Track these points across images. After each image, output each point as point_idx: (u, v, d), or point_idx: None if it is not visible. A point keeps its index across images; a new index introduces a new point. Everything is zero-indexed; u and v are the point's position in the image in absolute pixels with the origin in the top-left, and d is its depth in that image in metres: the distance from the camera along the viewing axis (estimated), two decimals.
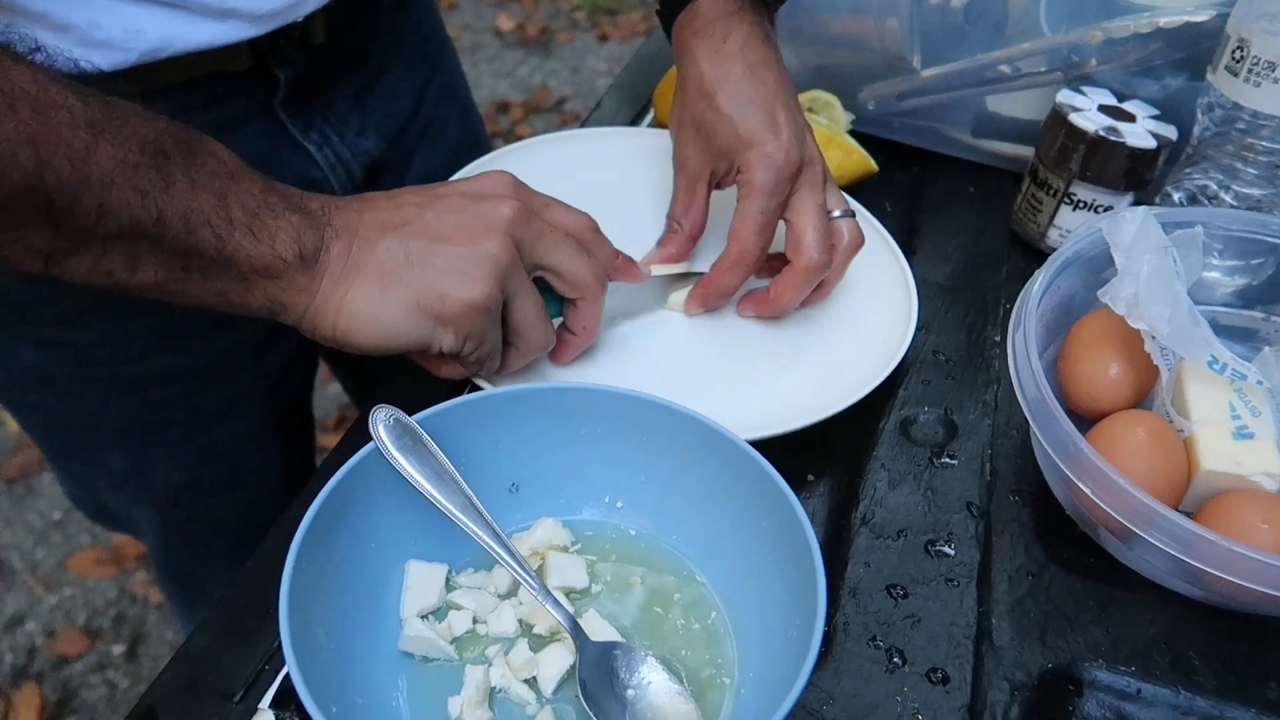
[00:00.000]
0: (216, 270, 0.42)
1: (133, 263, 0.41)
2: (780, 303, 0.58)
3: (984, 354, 0.60)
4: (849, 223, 0.58)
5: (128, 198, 0.38)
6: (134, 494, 0.74)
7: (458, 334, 0.47)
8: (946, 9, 0.73)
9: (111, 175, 0.38)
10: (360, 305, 0.45)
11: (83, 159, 0.37)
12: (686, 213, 0.60)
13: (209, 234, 0.41)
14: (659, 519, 0.47)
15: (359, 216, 0.46)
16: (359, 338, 0.46)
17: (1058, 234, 0.67)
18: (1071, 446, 0.46)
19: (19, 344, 0.63)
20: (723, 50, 0.57)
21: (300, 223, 0.44)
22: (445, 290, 0.45)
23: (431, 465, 0.43)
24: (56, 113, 0.36)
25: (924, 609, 0.46)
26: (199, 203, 0.41)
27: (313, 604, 0.39)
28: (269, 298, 0.44)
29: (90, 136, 0.37)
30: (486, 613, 0.44)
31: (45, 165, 0.36)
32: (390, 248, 0.46)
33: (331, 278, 0.45)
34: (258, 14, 0.56)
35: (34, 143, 0.35)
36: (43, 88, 0.36)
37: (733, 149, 0.56)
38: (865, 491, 0.52)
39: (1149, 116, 0.65)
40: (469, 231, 0.46)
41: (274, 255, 0.43)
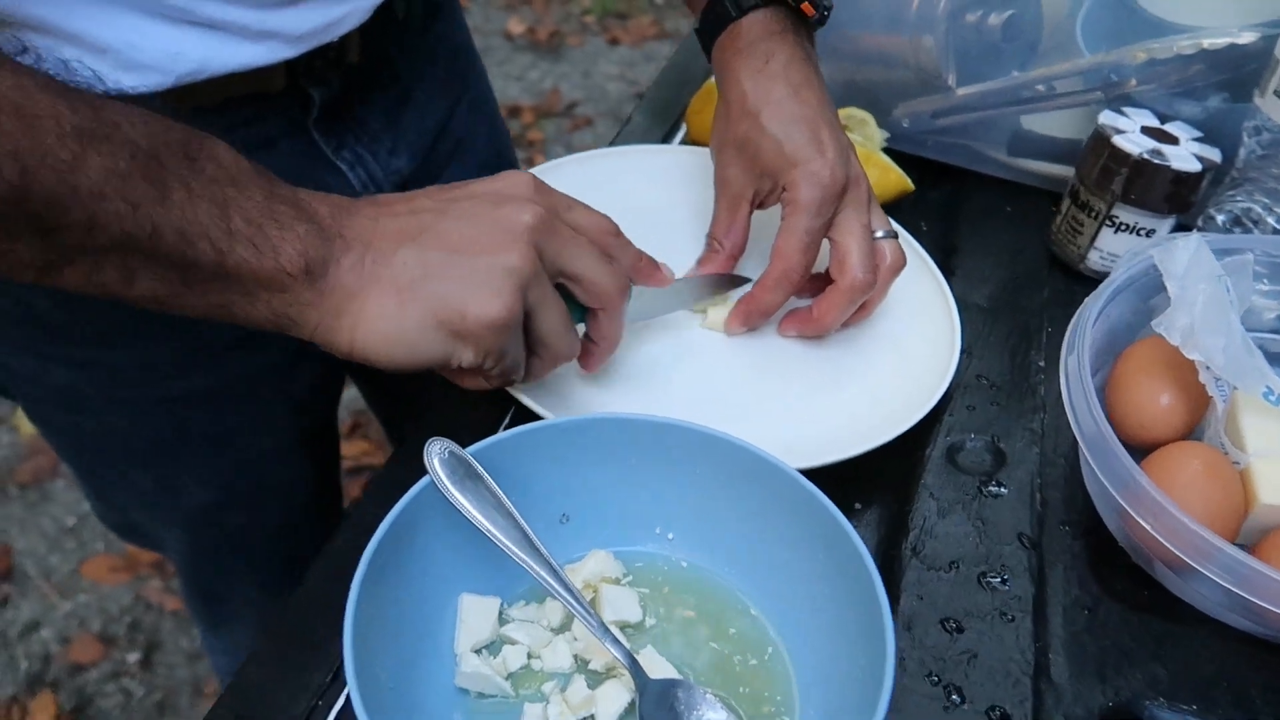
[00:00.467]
0: (218, 284, 0.40)
1: (128, 275, 0.39)
2: (823, 322, 0.57)
3: (1029, 379, 0.59)
4: (891, 243, 0.58)
5: (119, 209, 0.37)
6: (162, 512, 0.73)
7: (478, 349, 0.44)
8: (983, 27, 0.72)
9: (101, 187, 0.36)
10: (376, 321, 0.43)
11: (70, 170, 0.35)
12: (728, 232, 0.59)
13: (208, 247, 0.39)
14: (711, 551, 0.47)
15: (373, 224, 0.44)
16: (376, 354, 0.44)
17: (1098, 256, 0.66)
18: (1129, 479, 0.46)
19: (50, 364, 0.63)
20: (766, 70, 0.57)
21: (308, 233, 0.42)
22: (464, 305, 0.43)
23: (486, 499, 0.42)
24: (42, 121, 0.35)
25: (980, 644, 0.46)
26: (197, 214, 0.39)
27: (372, 642, 0.38)
28: (274, 311, 0.42)
29: (78, 146, 0.35)
30: (541, 647, 0.43)
31: (31, 177, 0.34)
32: (406, 260, 0.43)
33: (344, 291, 0.43)
34: (295, 34, 0.55)
35: (18, 155, 0.34)
36: (28, 95, 0.35)
37: (778, 168, 0.56)
38: (914, 521, 0.52)
39: (1192, 139, 0.64)
40: (489, 240, 0.44)
41: (278, 269, 0.41)
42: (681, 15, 3.16)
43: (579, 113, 2.61)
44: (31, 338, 0.61)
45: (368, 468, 1.69)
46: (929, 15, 0.71)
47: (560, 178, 0.67)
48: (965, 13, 0.71)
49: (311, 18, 0.56)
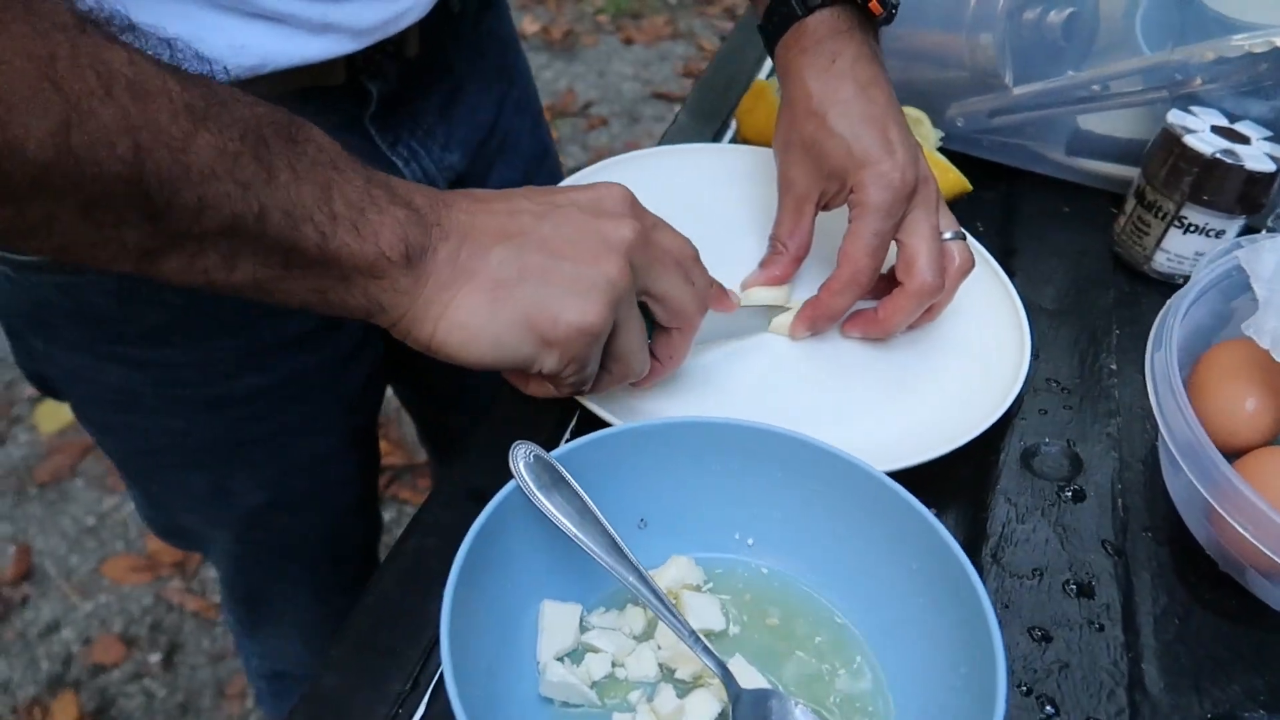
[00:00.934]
0: (318, 268, 0.40)
1: (231, 260, 0.38)
2: (889, 324, 0.56)
3: (1101, 383, 0.58)
4: (960, 245, 0.57)
5: (229, 190, 0.36)
6: (213, 514, 0.73)
7: (563, 357, 0.44)
8: (1042, 25, 0.71)
9: (212, 166, 0.35)
10: (465, 315, 0.42)
11: (183, 149, 0.34)
12: (793, 234, 0.58)
13: (311, 230, 0.38)
14: (792, 557, 0.46)
15: (471, 219, 0.43)
16: (458, 349, 0.43)
17: (1165, 258, 0.65)
18: (1222, 481, 0.45)
19: (105, 363, 0.62)
20: (832, 70, 0.56)
21: (407, 219, 0.41)
22: (559, 311, 0.42)
23: (572, 503, 0.41)
24: (155, 98, 0.34)
25: (1070, 654, 0.45)
26: (302, 196, 0.38)
27: (463, 651, 0.37)
28: (369, 298, 0.41)
29: (190, 124, 0.34)
30: (625, 655, 0.42)
31: (145, 155, 0.33)
32: (504, 258, 0.43)
33: (437, 282, 0.42)
34: (358, 29, 0.55)
35: (132, 131, 0.33)
36: (140, 70, 0.33)
37: (845, 169, 0.54)
38: (992, 527, 0.50)
39: (1263, 138, 0.63)
40: (588, 250, 0.43)
41: (378, 253, 0.40)
42: (695, 14, 3.15)
43: (594, 112, 2.60)
44: (87, 336, 0.60)
45: (389, 467, 1.68)
46: (987, 13, 0.70)
47: (614, 175, 0.67)
48: (1024, 10, 0.70)
49: (375, 11, 0.55)
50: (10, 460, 1.67)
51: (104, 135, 0.32)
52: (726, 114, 0.81)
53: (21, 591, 1.50)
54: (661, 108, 2.59)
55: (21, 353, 0.66)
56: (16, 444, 1.70)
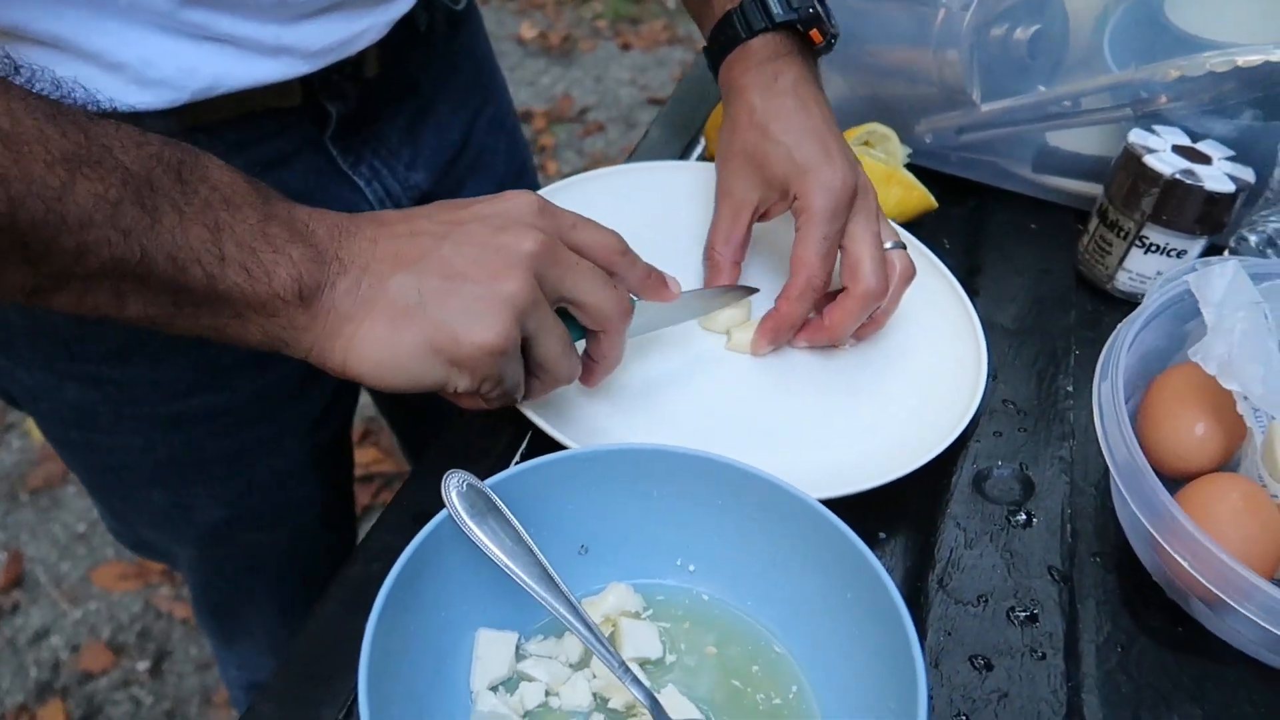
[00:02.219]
0: (209, 307, 0.40)
1: (119, 298, 0.38)
2: (835, 331, 0.57)
3: (1057, 405, 0.58)
4: (900, 254, 0.58)
5: (108, 236, 0.36)
6: (175, 530, 0.73)
7: (474, 376, 0.44)
8: (1009, 42, 0.71)
9: (90, 214, 0.35)
10: (369, 347, 0.42)
11: (59, 198, 0.34)
12: (728, 240, 0.59)
13: (199, 272, 0.38)
14: (733, 584, 0.46)
15: (372, 247, 0.43)
16: (369, 378, 0.43)
17: (1127, 277, 0.65)
18: (1164, 512, 0.44)
19: (64, 381, 0.62)
20: (774, 87, 0.58)
21: (302, 257, 0.41)
22: (459, 333, 0.42)
23: (505, 532, 0.41)
24: (30, 148, 0.34)
25: (1010, 683, 0.44)
26: (189, 239, 0.38)
27: (388, 681, 0.37)
28: (267, 334, 0.42)
29: (67, 173, 0.35)
30: (559, 685, 0.42)
31: (18, 205, 0.34)
32: (403, 285, 0.42)
33: (338, 315, 0.42)
34: (311, 50, 0.55)
35: (6, 182, 0.33)
36: (16, 120, 0.34)
37: (787, 176, 0.56)
38: (940, 552, 0.50)
39: (1224, 158, 0.63)
40: (488, 267, 0.43)
41: (270, 293, 0.40)
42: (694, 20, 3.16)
43: (591, 118, 2.60)
44: (45, 354, 0.61)
45: (378, 475, 1.69)
46: (954, 30, 0.70)
47: (575, 194, 0.67)
48: (991, 27, 0.70)
49: (329, 33, 0.55)
50: (2, 466, 1.68)
51: None
52: (696, 129, 0.81)
53: (12, 598, 1.51)
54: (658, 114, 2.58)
55: None
56: (9, 450, 1.71)
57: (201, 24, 0.50)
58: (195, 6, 0.49)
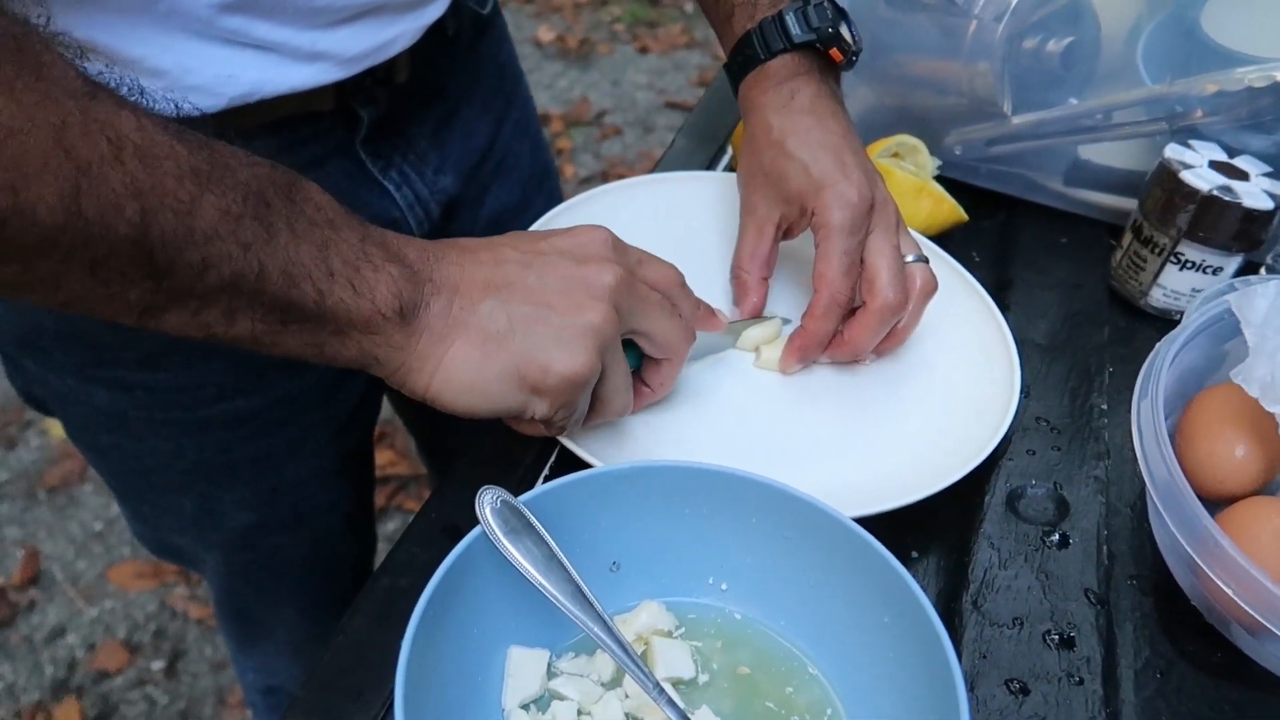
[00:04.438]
0: (314, 324, 0.41)
1: (230, 316, 0.39)
2: (855, 345, 0.56)
3: (1091, 423, 0.57)
4: (922, 268, 0.57)
5: (231, 251, 0.37)
6: (202, 535, 0.73)
7: (554, 404, 0.45)
8: (1041, 53, 0.70)
9: (216, 228, 0.36)
10: (458, 369, 0.44)
11: (188, 211, 0.35)
12: (753, 256, 0.59)
13: (310, 287, 0.40)
14: (766, 603, 0.45)
15: (460, 271, 0.45)
16: (453, 401, 0.45)
17: (1161, 294, 0.64)
18: (1205, 535, 0.44)
19: (94, 385, 0.62)
20: (791, 105, 0.58)
21: (400, 275, 0.42)
22: (548, 361, 0.44)
23: (539, 550, 0.41)
24: (163, 162, 0.35)
25: (1047, 709, 0.44)
26: (300, 255, 0.39)
27: (422, 698, 0.37)
28: (363, 351, 0.43)
29: (196, 187, 0.36)
30: (591, 703, 0.42)
31: (152, 218, 0.34)
32: (493, 311, 0.44)
33: (430, 336, 0.43)
34: (346, 56, 0.55)
35: (140, 195, 0.34)
36: (148, 135, 0.35)
37: (804, 191, 0.55)
38: (975, 573, 0.50)
39: (1262, 174, 0.62)
40: (573, 299, 0.45)
41: (374, 310, 0.41)
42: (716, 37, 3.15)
43: (608, 121, 2.60)
44: (76, 358, 0.61)
45: (393, 478, 1.69)
46: (986, 41, 0.69)
47: (601, 204, 0.67)
48: (1023, 39, 0.70)
49: (363, 39, 0.55)
50: (21, 464, 1.69)
51: (113, 199, 0.33)
52: (723, 139, 0.80)
53: (29, 596, 1.51)
54: (675, 117, 2.58)
55: (14, 372, 0.66)
56: (28, 448, 1.72)
57: (239, 30, 0.50)
58: (234, 13, 0.49)
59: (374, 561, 0.91)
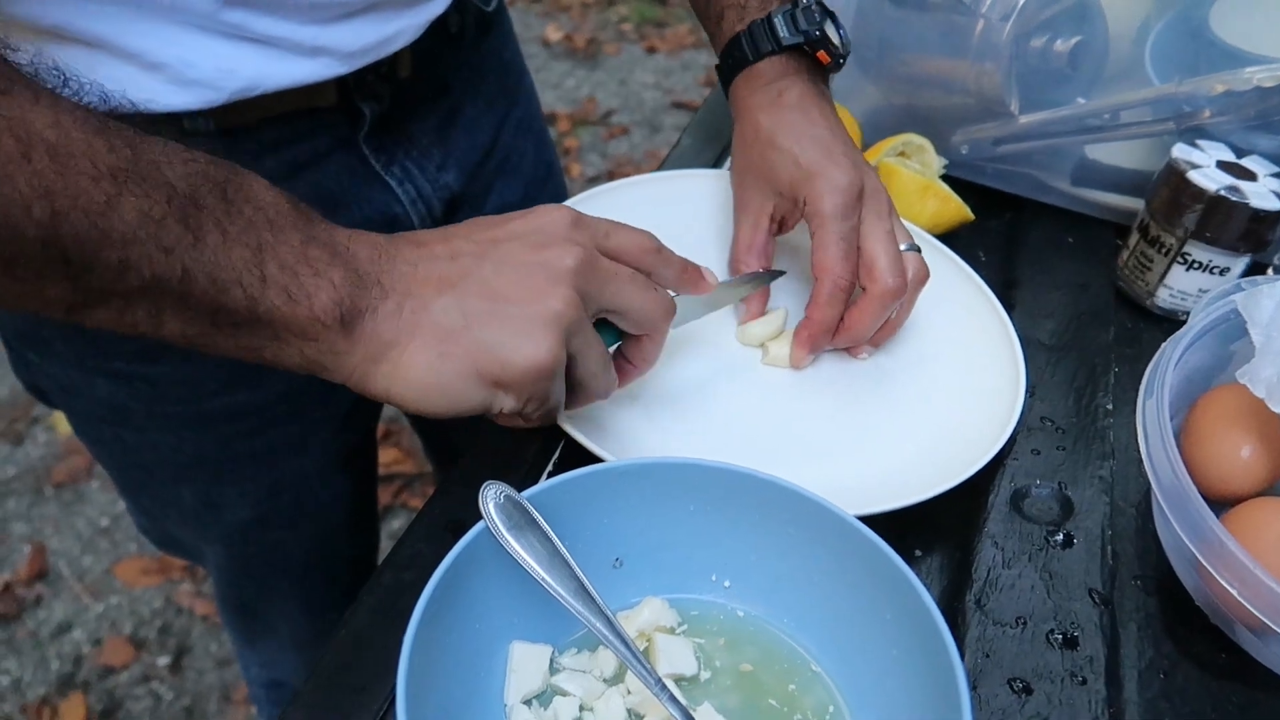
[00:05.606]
0: (248, 329, 0.39)
1: (156, 317, 0.38)
2: (855, 331, 0.56)
3: (1097, 424, 0.57)
4: (915, 256, 0.57)
5: (150, 254, 0.35)
6: (203, 528, 0.73)
7: (520, 397, 0.44)
8: (1048, 53, 0.70)
9: (134, 231, 0.35)
10: (415, 372, 0.42)
11: (103, 213, 0.34)
12: (749, 248, 0.59)
13: (239, 293, 0.38)
14: (769, 600, 0.45)
15: (413, 270, 0.43)
16: (415, 403, 0.43)
17: (1168, 294, 0.64)
18: (1210, 536, 0.44)
19: (95, 377, 0.63)
20: (779, 103, 0.58)
21: (343, 281, 0.40)
22: (506, 355, 0.42)
23: (542, 545, 0.41)
24: (77, 161, 0.33)
25: (1050, 708, 0.44)
26: (230, 259, 0.37)
27: (424, 693, 0.37)
28: (305, 358, 0.41)
29: (113, 188, 0.34)
30: (593, 699, 0.42)
31: (62, 219, 0.33)
32: (447, 308, 0.42)
33: (380, 340, 0.41)
34: (348, 51, 0.55)
35: (50, 195, 0.33)
36: (64, 133, 0.33)
37: (795, 181, 0.56)
38: (978, 571, 0.50)
39: (1270, 174, 0.62)
40: (530, 287, 0.43)
41: (311, 317, 0.39)
42: None
43: (615, 121, 2.60)
44: (77, 350, 0.61)
45: (399, 475, 1.69)
46: (993, 40, 0.69)
47: (606, 202, 0.67)
48: (1030, 38, 0.69)
49: (365, 34, 0.55)
50: (28, 460, 1.70)
51: (19, 199, 0.32)
52: (729, 138, 0.80)
53: (35, 591, 1.52)
54: (682, 117, 2.58)
55: (18, 364, 0.67)
56: (35, 444, 1.72)
57: (241, 25, 0.50)
58: (235, 7, 0.49)
59: (377, 558, 0.92)
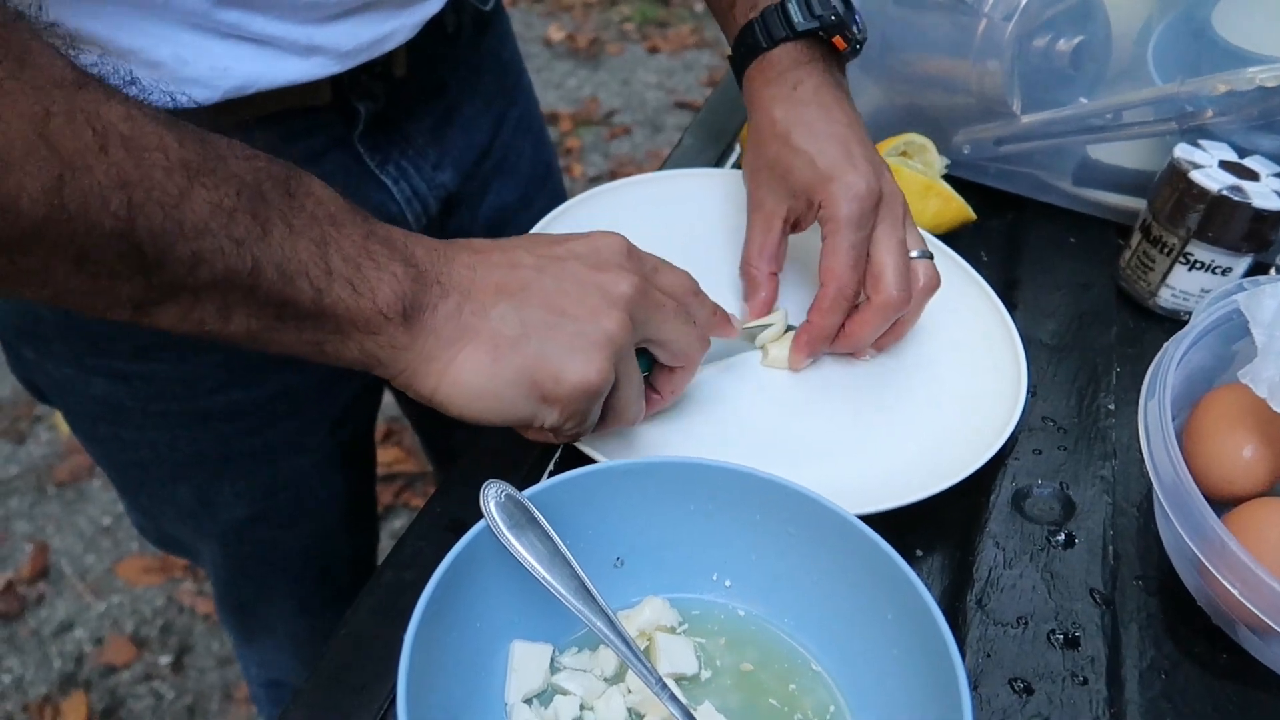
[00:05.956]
0: (312, 322, 0.40)
1: (225, 312, 0.38)
2: (855, 339, 0.56)
3: (1098, 423, 0.57)
4: (926, 264, 0.57)
5: (222, 246, 0.36)
6: (199, 526, 0.73)
7: (564, 413, 0.44)
8: (1051, 53, 0.70)
9: (206, 222, 0.35)
10: (468, 375, 0.42)
11: (177, 205, 0.34)
12: (762, 251, 0.58)
13: (306, 285, 0.38)
14: (770, 600, 0.45)
15: (472, 274, 0.43)
16: (462, 407, 0.43)
17: (1170, 294, 0.64)
18: (1212, 536, 0.43)
19: (91, 375, 0.63)
20: (794, 96, 0.57)
21: (404, 275, 0.41)
22: (561, 369, 0.42)
23: (543, 544, 0.41)
24: (150, 154, 0.34)
25: (1051, 708, 0.44)
26: (297, 251, 0.38)
27: (425, 692, 0.37)
28: (365, 352, 0.41)
29: (185, 180, 0.35)
30: (594, 699, 0.42)
31: (138, 211, 0.33)
32: (506, 314, 0.42)
33: (437, 339, 0.42)
34: (343, 50, 0.55)
35: (127, 187, 0.33)
36: (137, 126, 0.34)
37: (811, 184, 0.55)
38: (979, 571, 0.50)
39: (1272, 174, 0.62)
40: (589, 306, 0.43)
41: (374, 310, 0.40)
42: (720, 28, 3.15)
43: (617, 121, 2.60)
44: (73, 348, 0.61)
45: (400, 475, 1.69)
46: (995, 40, 0.69)
47: (609, 201, 0.67)
48: (1033, 38, 0.69)
49: (360, 34, 0.55)
50: (30, 459, 1.70)
51: (97, 191, 0.32)
52: (731, 137, 0.80)
53: (38, 590, 1.52)
54: (685, 117, 2.58)
55: (14, 361, 0.67)
56: (37, 443, 1.73)
57: (235, 24, 0.50)
58: (230, 6, 0.49)
59: (376, 558, 0.92)
